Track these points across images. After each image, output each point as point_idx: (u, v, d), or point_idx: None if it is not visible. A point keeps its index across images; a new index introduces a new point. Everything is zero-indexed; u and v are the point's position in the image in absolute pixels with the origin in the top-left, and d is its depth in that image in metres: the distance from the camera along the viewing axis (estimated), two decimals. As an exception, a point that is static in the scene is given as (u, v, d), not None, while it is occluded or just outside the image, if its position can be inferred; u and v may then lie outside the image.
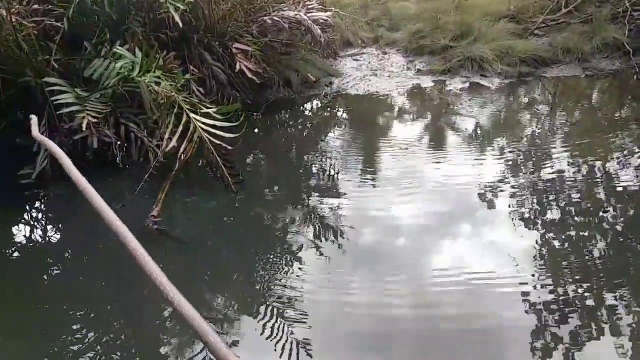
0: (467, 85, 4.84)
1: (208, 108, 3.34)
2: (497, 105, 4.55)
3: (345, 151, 3.98)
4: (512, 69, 4.84)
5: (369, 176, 3.58)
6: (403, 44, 5.57)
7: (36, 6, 3.42)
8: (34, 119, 3.27)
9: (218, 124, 3.18)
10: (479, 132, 4.13)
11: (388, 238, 2.89)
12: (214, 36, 4.29)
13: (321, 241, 2.90)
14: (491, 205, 3.16)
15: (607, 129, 4.08)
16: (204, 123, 3.16)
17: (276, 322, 2.33)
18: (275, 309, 2.42)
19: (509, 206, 3.12)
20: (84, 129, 3.19)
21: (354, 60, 5.47)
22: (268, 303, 2.48)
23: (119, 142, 3.49)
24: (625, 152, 3.68)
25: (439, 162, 3.76)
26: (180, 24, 3.34)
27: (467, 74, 4.95)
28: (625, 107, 4.54)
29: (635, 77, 4.72)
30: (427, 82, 4.95)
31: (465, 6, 5.75)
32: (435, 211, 3.10)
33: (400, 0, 6.51)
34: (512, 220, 2.99)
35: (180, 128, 3.18)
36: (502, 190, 3.28)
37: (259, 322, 2.35)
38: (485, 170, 3.55)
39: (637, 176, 3.34)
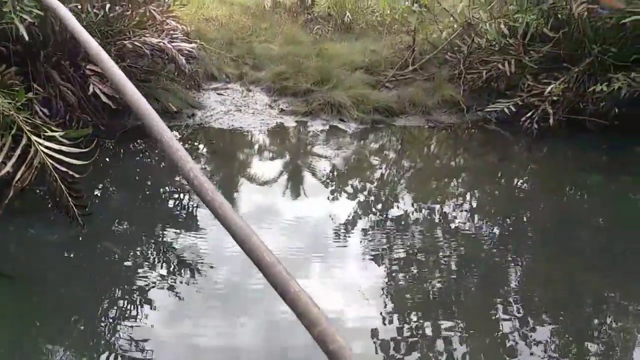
0: (327, 127, 5.10)
1: (53, 131, 3.03)
2: (352, 148, 4.85)
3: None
4: (366, 116, 5.22)
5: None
6: (267, 83, 5.70)
7: None
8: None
9: (65, 149, 2.89)
10: (335, 172, 4.34)
11: (242, 276, 2.85)
12: (64, 54, 3.97)
13: (172, 278, 2.77)
14: (342, 242, 3.31)
15: (443, 175, 4.58)
16: (47, 147, 2.86)
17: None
18: (118, 351, 2.23)
19: (359, 242, 3.30)
20: None
21: (218, 94, 5.44)
22: (111, 347, 2.27)
23: None
24: (458, 197, 4.15)
25: (295, 200, 3.86)
26: (26, 37, 3.02)
27: (326, 117, 5.21)
28: (459, 156, 5.16)
29: (467, 131, 5.40)
30: (289, 122, 5.10)
31: (325, 54, 6.10)
32: (290, 247, 3.15)
33: (264, 41, 6.69)
34: (362, 256, 3.16)
35: (18, 151, 2.83)
36: (352, 228, 3.46)
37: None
38: (338, 209, 3.72)
39: (468, 218, 3.77)
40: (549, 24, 5.16)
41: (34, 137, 2.88)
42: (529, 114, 4.97)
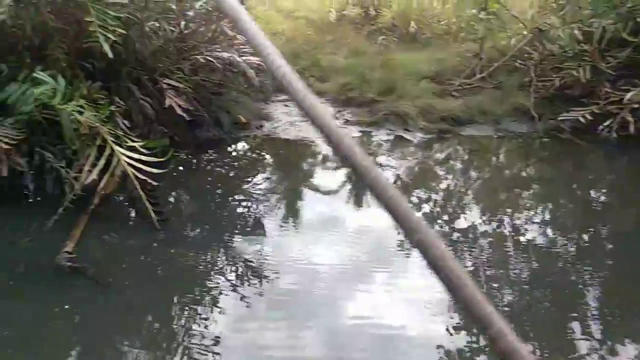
0: (392, 137, 5.08)
1: (134, 142, 3.23)
2: (417, 158, 4.80)
3: (270, 194, 3.98)
4: (432, 125, 5.15)
5: (290, 220, 3.59)
6: (332, 94, 5.76)
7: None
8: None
9: (144, 158, 3.07)
10: (400, 182, 4.30)
11: (306, 283, 2.89)
12: (143, 70, 4.20)
13: (239, 284, 2.84)
14: (407, 253, 3.26)
15: (514, 185, 4.42)
16: (128, 156, 3.05)
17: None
18: (189, 353, 2.32)
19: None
20: (-7, 156, 2.95)
21: (285, 105, 5.56)
22: (183, 346, 2.37)
23: (32, 172, 3.26)
24: (530, 209, 3.98)
25: (358, 209, 3.85)
26: (110, 55, 3.24)
27: (391, 127, 5.19)
28: (530, 166, 4.96)
29: (539, 140, 5.19)
30: (354, 132, 5.13)
31: (390, 64, 6.09)
32: (352, 256, 3.15)
33: (329, 54, 6.78)
34: (427, 269, 3.10)
35: (102, 161, 3.04)
36: None
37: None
38: None
39: (541, 231, 3.61)
40: (628, 28, 4.90)
41: (116, 147, 3.08)
42: (607, 123, 4.73)
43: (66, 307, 2.62)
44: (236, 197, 3.96)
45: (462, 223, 3.70)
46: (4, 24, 3.35)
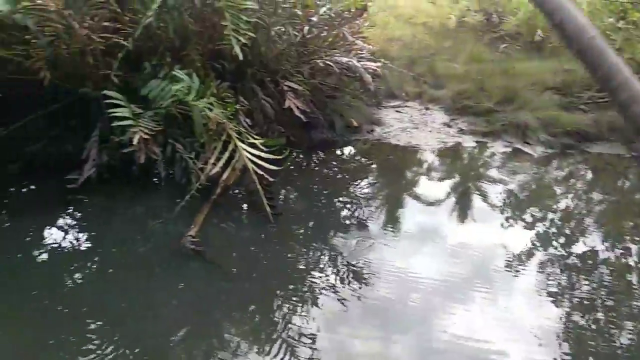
0: (509, 149, 4.85)
1: (254, 139, 3.43)
2: (536, 173, 4.53)
3: (375, 199, 3.99)
4: (555, 140, 4.84)
5: (392, 227, 3.57)
6: (446, 101, 5.65)
7: (106, 23, 3.61)
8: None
9: (263, 155, 3.25)
10: (512, 198, 4.10)
11: (402, 293, 2.86)
12: (266, 72, 4.44)
13: (339, 285, 2.89)
14: (514, 274, 3.09)
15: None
16: (249, 152, 3.24)
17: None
18: (286, 345, 2.42)
19: (534, 278, 3.05)
20: (134, 144, 3.29)
21: (396, 111, 5.56)
22: (282, 338, 2.47)
23: (164, 161, 3.59)
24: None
25: (462, 223, 3.73)
26: (241, 56, 3.47)
27: (509, 139, 4.96)
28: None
29: (679, 164, 4.67)
30: (468, 142, 4.98)
31: (511, 73, 5.83)
32: (451, 271, 3.06)
33: (446, 60, 6.64)
34: (535, 292, 2.92)
35: (226, 154, 3.26)
36: (527, 260, 3.22)
37: (266, 354, 2.38)
38: (510, 238, 3.49)
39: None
40: None
41: (239, 143, 3.29)
42: None
43: (181, 285, 2.86)
44: (342, 199, 4.04)
45: (580, 247, 3.43)
46: (150, 26, 3.71)
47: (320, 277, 2.97)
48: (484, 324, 2.65)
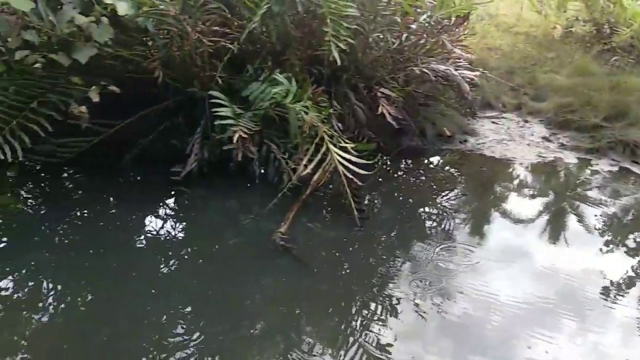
0: (615, 169, 4.52)
1: (346, 142, 3.49)
2: (643, 196, 4.19)
3: (462, 211, 3.88)
4: (668, 161, 4.45)
5: (477, 243, 3.44)
6: (547, 114, 5.37)
7: (216, 28, 3.85)
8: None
9: (353, 159, 3.30)
10: (615, 221, 3.81)
11: (483, 313, 2.76)
12: (360, 78, 4.50)
13: (419, 296, 2.85)
14: (609, 306, 2.87)
15: None
16: (340, 155, 3.31)
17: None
18: (362, 352, 2.43)
19: (634, 312, 2.82)
20: (234, 142, 3.48)
21: (492, 122, 5.38)
22: (358, 343, 2.48)
23: (258, 160, 3.76)
24: None
25: (553, 244, 3.52)
26: (339, 62, 3.55)
27: (616, 157, 4.62)
28: None
29: None
30: (569, 158, 4.70)
31: (622, 87, 5.43)
32: (538, 295, 2.89)
33: (549, 71, 6.32)
34: (635, 329, 2.69)
35: (318, 156, 3.35)
36: (626, 291, 2.98)
37: (341, 358, 2.42)
38: (607, 264, 3.24)
39: None
40: None
41: (331, 146, 3.37)
42: None
43: (266, 280, 2.98)
44: (428, 209, 3.97)
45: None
46: (254, 31, 3.90)
47: (401, 286, 2.95)
48: (571, 355, 2.49)
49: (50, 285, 2.88)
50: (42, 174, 4.02)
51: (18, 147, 3.44)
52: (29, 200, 3.86)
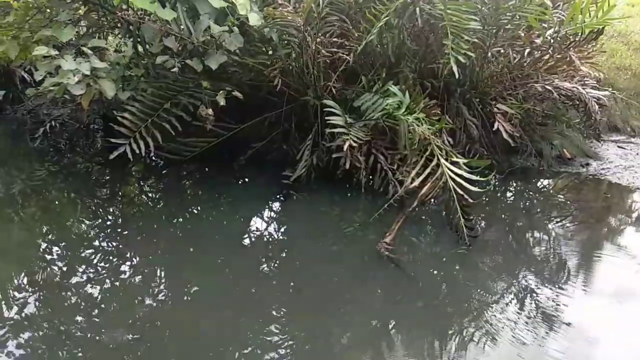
0: None
1: (458, 157, 3.40)
2: None
3: (576, 242, 3.55)
4: None
5: (586, 280, 3.10)
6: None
7: (335, 39, 3.94)
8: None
9: (466, 174, 3.20)
10: None
11: (585, 354, 2.49)
12: (475, 92, 4.36)
13: (522, 327, 2.63)
14: None
15: None
16: (452, 171, 3.22)
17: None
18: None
19: None
20: (343, 150, 3.53)
21: (619, 147, 4.95)
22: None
23: (365, 169, 3.78)
24: None
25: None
26: (457, 75, 3.48)
27: None
28: None
29: None
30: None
31: None
32: None
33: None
34: None
35: (428, 170, 3.30)
36: None
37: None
38: None
39: None
40: None
41: (442, 160, 3.29)
42: None
43: (365, 288, 2.98)
44: (537, 234, 3.72)
45: None
46: (370, 43, 3.94)
47: (502, 313, 2.77)
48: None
49: (163, 273, 3.08)
50: (164, 171, 4.38)
51: (151, 143, 3.78)
52: (150, 194, 4.23)
